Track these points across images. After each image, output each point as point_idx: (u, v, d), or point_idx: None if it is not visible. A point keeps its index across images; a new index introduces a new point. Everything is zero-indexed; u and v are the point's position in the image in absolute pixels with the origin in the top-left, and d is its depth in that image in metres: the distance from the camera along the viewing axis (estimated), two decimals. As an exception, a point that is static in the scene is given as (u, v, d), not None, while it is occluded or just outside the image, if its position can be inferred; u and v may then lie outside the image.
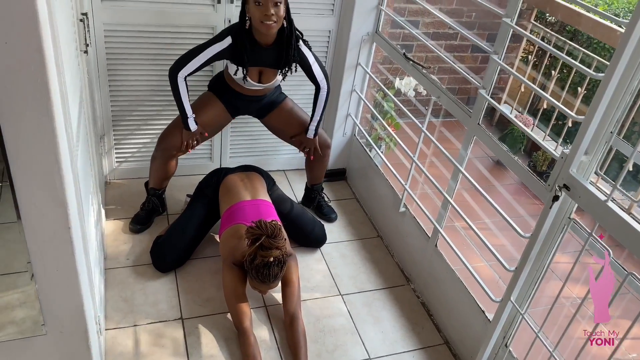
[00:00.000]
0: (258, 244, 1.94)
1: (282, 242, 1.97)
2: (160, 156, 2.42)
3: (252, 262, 1.97)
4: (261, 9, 2.03)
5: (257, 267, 1.96)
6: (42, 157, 1.19)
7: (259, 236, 1.94)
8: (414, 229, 2.46)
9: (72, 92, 1.51)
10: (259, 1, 2.03)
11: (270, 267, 1.96)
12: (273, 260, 1.95)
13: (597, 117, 1.41)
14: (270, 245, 1.94)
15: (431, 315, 2.33)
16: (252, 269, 1.98)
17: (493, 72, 1.89)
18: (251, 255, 1.97)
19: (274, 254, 1.95)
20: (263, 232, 1.94)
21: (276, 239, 1.95)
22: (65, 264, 1.37)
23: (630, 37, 1.28)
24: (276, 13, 2.05)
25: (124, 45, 2.44)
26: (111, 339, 2.02)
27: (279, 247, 1.96)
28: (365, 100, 2.87)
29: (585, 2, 4.61)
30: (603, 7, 4.48)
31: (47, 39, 1.09)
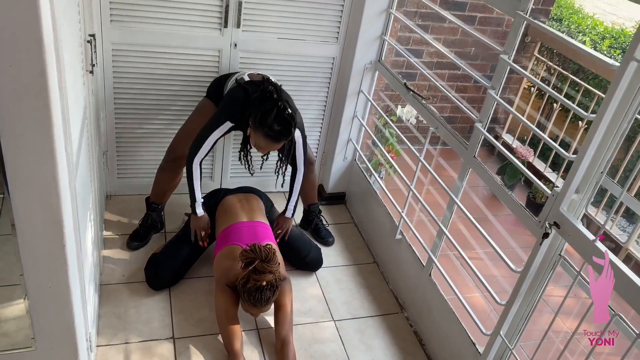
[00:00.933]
0: (251, 268, 1.95)
1: (275, 266, 1.99)
2: (171, 167, 2.50)
3: (244, 285, 1.98)
4: (260, 150, 2.19)
5: (249, 290, 1.97)
6: (41, 177, 1.22)
7: (252, 260, 1.95)
8: (409, 257, 2.47)
9: (75, 112, 1.54)
10: (260, 147, 2.16)
11: (263, 291, 1.97)
12: (266, 285, 1.96)
13: (588, 156, 1.43)
14: (264, 269, 1.95)
15: (423, 345, 2.33)
16: (245, 292, 1.99)
17: (490, 107, 1.92)
18: (244, 278, 1.98)
19: (267, 278, 1.96)
20: (257, 256, 1.95)
21: (270, 263, 1.96)
22: (59, 282, 1.39)
23: (620, 81, 1.30)
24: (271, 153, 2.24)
25: (131, 64, 2.50)
26: (102, 356, 2.02)
27: (272, 272, 1.97)
28: (366, 126, 2.91)
29: (591, 36, 4.71)
30: (609, 41, 4.54)
31: (52, 63, 1.13)
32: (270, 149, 2.18)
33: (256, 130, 2.11)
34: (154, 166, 2.79)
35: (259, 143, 2.15)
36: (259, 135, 2.10)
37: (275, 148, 2.19)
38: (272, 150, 2.20)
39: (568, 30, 4.84)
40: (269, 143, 2.13)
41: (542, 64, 4.31)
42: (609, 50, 4.49)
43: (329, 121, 2.98)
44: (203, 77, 2.59)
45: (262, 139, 2.11)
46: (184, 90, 2.63)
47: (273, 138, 2.09)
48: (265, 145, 2.14)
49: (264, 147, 2.16)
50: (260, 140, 2.13)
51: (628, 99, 1.33)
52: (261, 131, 2.09)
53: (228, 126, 2.22)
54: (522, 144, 4.14)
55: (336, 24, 2.67)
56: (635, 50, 1.25)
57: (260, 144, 2.15)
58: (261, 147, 2.16)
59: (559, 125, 4.08)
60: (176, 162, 2.49)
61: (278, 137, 2.09)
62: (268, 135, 2.08)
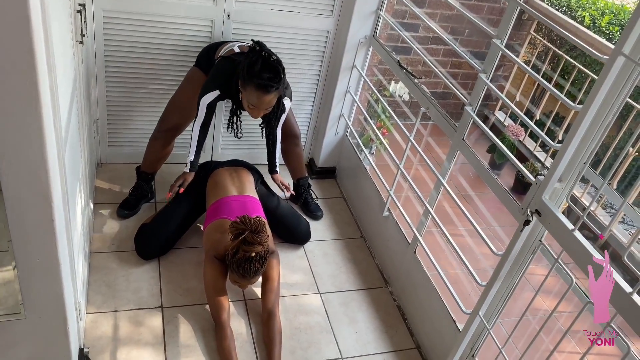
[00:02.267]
0: (241, 239, 1.98)
1: (264, 238, 2.02)
2: (163, 137, 2.51)
3: (234, 256, 2.02)
4: (252, 110, 2.18)
5: (238, 261, 2.00)
6: (29, 153, 1.23)
7: (242, 231, 1.98)
8: (395, 234, 2.51)
9: (64, 85, 1.54)
10: (252, 107, 2.16)
11: (252, 262, 2.00)
12: (255, 256, 2.00)
13: (572, 147, 1.45)
14: (253, 240, 1.98)
15: (405, 319, 2.39)
16: (234, 263, 2.02)
17: (480, 90, 1.93)
18: (233, 249, 2.02)
19: (256, 249, 1.99)
20: (247, 227, 1.99)
21: (259, 234, 1.99)
22: (47, 254, 1.41)
23: (607, 75, 1.31)
24: (265, 113, 2.22)
25: (123, 33, 2.46)
26: (91, 323, 2.07)
27: (262, 243, 2.01)
28: (358, 102, 2.91)
29: (591, 11, 4.67)
30: (609, 17, 4.50)
31: (39, 40, 1.12)
32: (262, 105, 2.14)
33: (246, 86, 2.10)
34: (145, 135, 2.79)
35: (250, 100, 2.13)
36: (250, 89, 2.09)
37: (268, 103, 2.15)
38: (265, 107, 2.16)
39: (568, 4, 4.79)
40: (261, 95, 2.10)
41: (539, 42, 4.28)
42: (608, 26, 4.46)
43: (321, 95, 2.97)
44: (195, 47, 2.57)
45: (253, 93, 2.10)
46: (176, 59, 2.61)
47: (264, 88, 2.07)
48: (258, 101, 2.11)
49: (256, 104, 2.13)
50: (251, 96, 2.11)
51: (614, 93, 1.34)
52: (251, 84, 2.08)
53: (217, 93, 2.23)
54: (514, 122, 4.16)
55: (332, -4, 2.63)
56: (624, 45, 1.26)
57: (252, 101, 2.12)
58: (253, 104, 2.13)
59: (554, 101, 4.09)
60: (168, 133, 2.50)
61: (268, 84, 2.07)
62: (259, 86, 2.07)
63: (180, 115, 2.47)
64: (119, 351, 1.99)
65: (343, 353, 2.18)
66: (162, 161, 2.61)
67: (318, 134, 3.10)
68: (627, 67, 1.30)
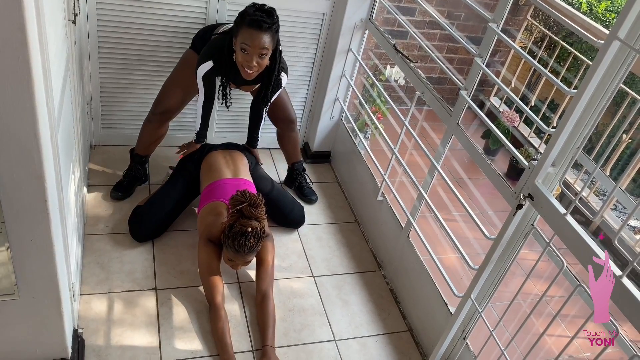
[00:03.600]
0: (239, 211, 1.99)
1: (262, 213, 2.03)
2: (158, 119, 2.49)
3: (230, 229, 2.02)
4: (245, 56, 2.10)
5: (234, 234, 2.00)
6: (22, 133, 1.22)
7: (241, 203, 1.99)
8: (389, 218, 2.52)
9: (57, 64, 1.52)
10: (245, 48, 2.08)
11: (248, 237, 2.00)
12: (251, 231, 2.00)
13: (566, 131, 1.46)
14: (251, 214, 1.99)
15: (398, 302, 2.41)
16: (229, 238, 2.02)
17: (476, 75, 1.92)
18: (230, 222, 2.02)
19: (252, 224, 2.00)
20: (246, 200, 1.99)
21: (257, 209, 2.01)
22: (41, 235, 1.41)
23: (602, 59, 1.31)
24: (259, 63, 2.12)
25: (116, 13, 2.43)
26: (85, 304, 2.08)
27: (259, 219, 2.02)
28: (353, 86, 2.90)
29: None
30: (605, 4, 4.49)
31: (31, 17, 1.11)
32: (256, 45, 2.05)
33: (238, 30, 2.07)
34: (139, 117, 2.78)
35: (244, 40, 2.06)
36: (243, 30, 2.05)
37: (261, 44, 2.05)
38: (259, 51, 2.07)
39: (566, -11, 4.77)
40: (254, 33, 2.03)
41: (535, 27, 4.27)
42: (604, 13, 4.46)
43: (316, 79, 2.96)
44: (189, 29, 2.54)
45: (245, 32, 2.04)
46: (170, 41, 2.58)
47: (257, 24, 2.03)
48: (251, 40, 2.04)
49: (250, 43, 2.05)
50: (244, 36, 2.05)
51: (609, 78, 1.34)
52: (243, 24, 2.05)
53: (210, 64, 2.21)
54: (510, 108, 4.16)
55: (328, -21, 2.61)
56: (619, 30, 1.26)
57: (245, 40, 2.05)
58: (247, 43, 2.05)
59: (549, 87, 4.10)
60: (162, 115, 2.48)
61: (261, 20, 2.03)
62: (251, 22, 2.02)
63: (175, 98, 2.45)
64: (113, 332, 2.00)
65: (336, 335, 2.20)
66: (157, 144, 2.60)
67: (313, 118, 3.10)
68: (622, 51, 1.31)
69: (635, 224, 3.55)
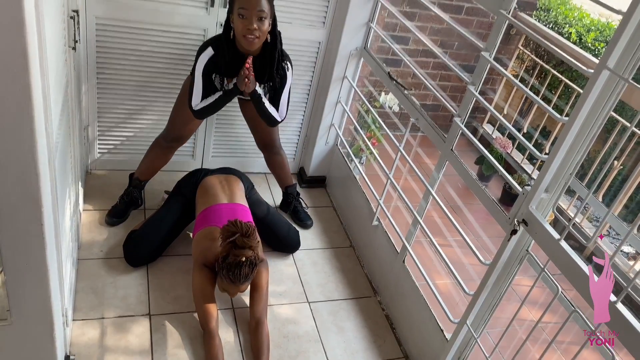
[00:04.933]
0: (232, 242, 1.98)
1: (255, 242, 2.02)
2: (168, 145, 2.52)
3: (224, 260, 2.01)
4: (245, 22, 2.05)
5: (228, 265, 2.00)
6: (20, 157, 1.23)
7: (233, 234, 1.99)
8: (384, 243, 2.52)
9: (56, 90, 1.54)
10: (243, 14, 2.05)
11: (242, 267, 2.00)
12: (245, 261, 2.00)
13: (558, 158, 1.48)
14: (244, 244, 1.99)
15: (394, 329, 2.40)
16: (223, 268, 2.02)
17: (469, 102, 1.96)
18: (224, 253, 2.02)
19: (246, 253, 2.00)
20: (238, 230, 1.99)
21: (250, 238, 2.00)
22: (36, 259, 1.40)
23: (592, 88, 1.34)
24: (259, 27, 2.07)
25: (115, 40, 2.47)
26: (78, 330, 2.05)
27: (252, 248, 2.01)
28: (349, 112, 2.93)
29: (577, 28, 4.76)
30: (594, 34, 4.59)
31: (33, 44, 1.13)
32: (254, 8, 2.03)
33: (234, 1, 2.06)
34: (135, 142, 2.80)
35: (242, 4, 2.03)
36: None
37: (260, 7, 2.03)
38: (257, 12, 2.04)
39: (555, 21, 4.88)
40: None
41: (526, 56, 4.35)
42: (594, 43, 4.55)
43: (312, 105, 3.00)
44: (187, 56, 2.58)
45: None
46: (168, 68, 2.62)
47: None
48: (248, 3, 2.02)
49: (247, 7, 2.03)
50: (241, 1, 2.03)
51: (599, 105, 1.37)
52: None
53: (210, 52, 2.17)
54: (502, 135, 4.21)
55: (323, 8, 2.66)
56: (608, 59, 1.29)
57: (243, 5, 2.03)
58: (244, 6, 2.03)
59: (541, 114, 4.15)
60: (174, 142, 2.53)
61: None
62: None
63: (184, 128, 2.47)
64: (106, 359, 1.98)
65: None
66: (158, 170, 2.61)
67: (309, 143, 3.12)
68: (612, 80, 1.34)
69: (628, 250, 3.57)
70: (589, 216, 3.75)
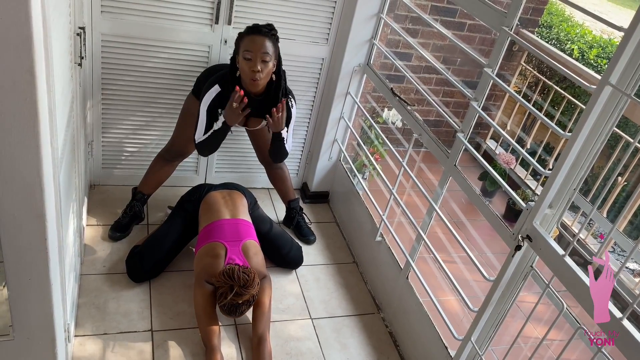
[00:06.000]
0: (230, 287, 1.99)
1: (254, 288, 2.03)
2: (172, 158, 2.57)
3: (221, 300, 2.03)
4: (249, 64, 2.10)
5: (226, 305, 2.03)
6: (25, 172, 1.23)
7: (231, 286, 1.99)
8: (388, 259, 2.51)
9: (62, 105, 1.55)
10: (248, 56, 2.09)
11: (239, 306, 2.04)
12: (242, 302, 2.03)
13: (562, 173, 1.48)
14: (242, 293, 2.00)
15: (397, 346, 2.38)
16: (222, 306, 2.04)
17: (472, 118, 1.96)
18: (221, 297, 2.02)
19: (244, 298, 2.02)
20: (235, 283, 2.00)
21: (248, 288, 2.00)
22: (39, 274, 1.41)
23: (595, 103, 1.35)
24: (263, 69, 2.11)
25: (120, 56, 2.49)
26: (79, 346, 2.04)
27: (251, 293, 2.02)
28: (352, 128, 2.94)
29: (580, 44, 4.79)
30: (597, 50, 4.62)
31: (40, 60, 1.14)
32: (258, 50, 2.06)
33: (240, 42, 2.10)
34: (139, 158, 2.81)
35: (246, 47, 2.07)
36: (244, 38, 2.08)
37: (263, 48, 2.07)
38: (262, 55, 2.07)
39: (557, 37, 4.91)
40: (255, 37, 2.06)
41: (529, 72, 4.37)
42: (596, 59, 4.58)
43: (315, 121, 3.01)
44: (192, 72, 2.60)
45: (246, 39, 2.07)
46: (172, 84, 2.64)
47: (257, 30, 2.06)
48: (252, 44, 2.06)
49: (251, 48, 2.06)
50: (246, 42, 2.07)
51: (602, 121, 1.37)
52: (244, 35, 2.08)
53: (216, 90, 2.21)
54: (506, 151, 4.21)
55: (327, 25, 2.69)
56: (611, 75, 1.30)
57: (247, 47, 2.07)
58: (249, 49, 2.07)
59: (544, 130, 4.16)
60: (175, 156, 2.58)
61: (262, 27, 2.06)
62: (252, 29, 2.06)
63: (187, 144, 2.50)
64: (107, 375, 1.96)
65: (334, 379, 2.16)
66: (161, 183, 2.63)
67: (312, 158, 3.13)
68: (614, 96, 1.34)
69: (634, 267, 3.54)
70: (593, 232, 3.74)
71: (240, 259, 2.17)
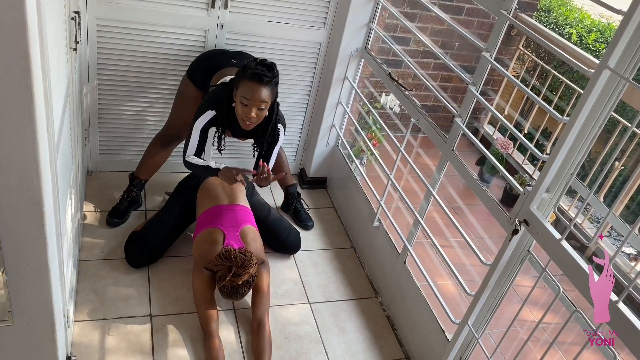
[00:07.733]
0: (228, 267, 1.99)
1: (252, 268, 2.03)
2: (167, 141, 2.56)
3: (220, 281, 2.03)
4: (245, 109, 2.09)
5: (225, 287, 2.03)
6: (22, 158, 1.23)
7: (229, 267, 2.00)
8: (385, 244, 2.52)
9: (58, 91, 1.54)
10: (245, 102, 2.08)
11: (239, 288, 2.04)
12: (242, 283, 2.02)
13: (559, 158, 1.48)
14: (241, 273, 2.00)
15: (395, 330, 2.40)
16: (221, 288, 2.05)
17: (470, 102, 1.96)
18: (221, 279, 2.03)
19: (243, 278, 2.02)
20: (233, 263, 2.00)
21: (246, 268, 2.01)
22: (37, 260, 1.41)
23: (593, 87, 1.34)
24: (257, 115, 2.11)
25: (116, 41, 2.47)
26: (79, 331, 2.05)
27: (249, 273, 2.02)
28: (349, 113, 2.93)
29: (578, 29, 4.76)
30: (595, 35, 4.59)
31: (35, 45, 1.13)
32: (255, 98, 2.05)
33: (239, 82, 2.07)
34: (136, 143, 2.80)
35: (244, 94, 2.06)
36: (243, 83, 2.05)
37: (261, 96, 2.06)
38: (258, 103, 2.07)
39: (556, 22, 4.88)
40: (254, 86, 2.04)
41: (527, 57, 4.35)
42: (595, 44, 4.55)
43: (313, 106, 3.00)
44: (188, 57, 2.58)
45: (246, 85, 2.05)
46: (168, 69, 2.62)
47: (257, 77, 2.04)
48: (251, 93, 2.05)
49: (249, 97, 2.05)
50: (244, 88, 2.05)
51: (600, 106, 1.37)
52: (244, 77, 2.05)
53: (212, 114, 2.19)
54: (503, 136, 4.21)
55: (324, 9, 2.67)
56: (609, 59, 1.29)
57: (245, 94, 2.06)
58: (246, 97, 2.05)
59: (542, 115, 4.16)
60: (173, 138, 2.56)
61: (262, 74, 2.04)
62: (252, 75, 2.04)
63: (183, 128, 2.43)
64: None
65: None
66: (157, 168, 2.62)
67: (309, 144, 3.12)
68: (613, 80, 1.34)
69: (629, 251, 3.56)
70: (590, 217, 3.75)
71: (238, 245, 2.18)
